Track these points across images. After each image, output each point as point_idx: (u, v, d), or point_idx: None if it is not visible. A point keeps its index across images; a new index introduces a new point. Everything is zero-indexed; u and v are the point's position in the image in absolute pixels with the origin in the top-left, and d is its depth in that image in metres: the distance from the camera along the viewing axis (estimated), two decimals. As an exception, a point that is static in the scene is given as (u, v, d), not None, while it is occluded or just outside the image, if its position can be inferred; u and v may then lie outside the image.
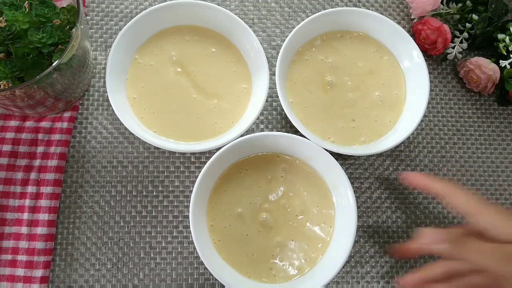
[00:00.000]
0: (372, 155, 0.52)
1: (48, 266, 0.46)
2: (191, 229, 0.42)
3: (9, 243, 0.46)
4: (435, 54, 0.54)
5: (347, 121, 0.49)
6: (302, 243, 0.45)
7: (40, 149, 0.48)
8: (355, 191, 0.44)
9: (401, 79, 0.51)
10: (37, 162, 0.48)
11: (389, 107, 0.50)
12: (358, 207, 0.50)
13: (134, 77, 0.48)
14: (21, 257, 0.45)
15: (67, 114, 0.49)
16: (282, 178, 0.47)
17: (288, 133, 0.45)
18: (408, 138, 0.52)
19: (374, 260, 0.49)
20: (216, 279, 0.43)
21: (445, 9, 0.55)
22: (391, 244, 0.49)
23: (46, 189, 0.47)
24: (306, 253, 0.45)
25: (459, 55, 0.55)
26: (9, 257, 0.45)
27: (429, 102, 0.54)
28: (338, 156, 0.48)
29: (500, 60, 0.52)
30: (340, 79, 0.50)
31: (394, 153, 0.52)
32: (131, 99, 0.48)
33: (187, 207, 0.44)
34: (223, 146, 0.44)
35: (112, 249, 0.47)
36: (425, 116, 0.54)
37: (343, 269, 0.49)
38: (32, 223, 0.46)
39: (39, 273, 0.45)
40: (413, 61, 0.50)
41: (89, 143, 0.50)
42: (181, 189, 0.49)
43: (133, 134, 0.49)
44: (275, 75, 0.46)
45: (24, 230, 0.46)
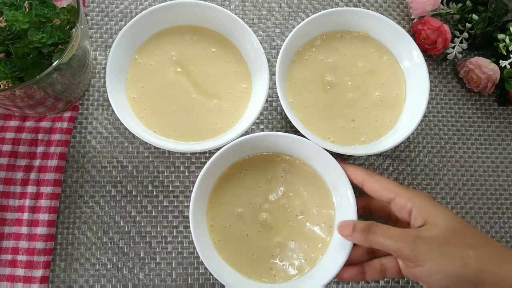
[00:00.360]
0: (372, 155, 0.52)
1: (48, 266, 0.46)
2: (191, 229, 0.42)
3: (9, 243, 0.46)
4: (435, 54, 0.54)
5: (347, 121, 0.49)
6: (302, 243, 0.45)
7: (40, 149, 0.48)
8: (355, 191, 0.44)
9: (401, 79, 0.51)
10: (37, 162, 0.48)
11: (389, 107, 0.50)
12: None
13: (134, 77, 0.48)
14: (21, 257, 0.45)
15: (67, 114, 0.49)
16: (282, 178, 0.47)
17: (288, 133, 0.45)
18: (408, 138, 0.52)
19: (374, 260, 0.49)
20: (216, 279, 0.43)
21: (445, 9, 0.55)
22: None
23: (46, 189, 0.47)
24: (306, 253, 0.45)
25: (459, 55, 0.55)
26: (9, 257, 0.45)
27: (429, 102, 0.54)
28: (338, 156, 0.48)
29: (500, 60, 0.52)
30: (340, 79, 0.50)
31: (394, 153, 0.52)
32: (131, 99, 0.48)
33: (187, 207, 0.44)
34: (223, 146, 0.44)
35: (112, 249, 0.47)
36: (425, 116, 0.54)
37: (343, 269, 0.49)
38: (32, 223, 0.46)
39: (39, 273, 0.45)
40: (413, 61, 0.50)
41: (89, 143, 0.50)
42: (181, 189, 0.49)
43: (133, 134, 0.49)
44: (275, 75, 0.46)
45: (24, 230, 0.46)
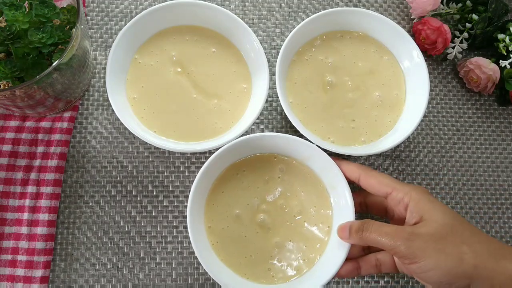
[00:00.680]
0: (372, 155, 0.52)
1: (48, 266, 0.46)
2: (189, 231, 0.42)
3: (9, 243, 0.46)
4: (435, 54, 0.54)
5: (347, 121, 0.49)
6: (300, 243, 0.45)
7: (40, 149, 0.48)
8: (351, 187, 0.44)
9: (401, 79, 0.51)
10: (37, 162, 0.48)
11: (389, 107, 0.50)
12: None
13: (134, 77, 0.48)
14: (21, 257, 0.45)
15: (67, 114, 0.49)
16: (279, 178, 0.47)
17: (288, 133, 0.45)
18: (408, 138, 0.52)
19: (374, 260, 0.49)
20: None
21: (445, 9, 0.55)
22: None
23: (46, 189, 0.47)
24: (304, 253, 0.45)
25: (459, 55, 0.55)
26: (9, 257, 0.45)
27: (429, 102, 0.54)
28: (338, 156, 0.48)
29: (500, 60, 0.52)
30: (340, 79, 0.50)
31: (394, 153, 0.52)
32: (131, 99, 0.48)
33: (187, 207, 0.44)
34: (223, 146, 0.44)
35: (112, 249, 0.47)
36: (425, 116, 0.54)
37: (343, 269, 0.49)
38: (32, 223, 0.46)
39: (39, 273, 0.45)
40: (413, 61, 0.50)
41: (89, 143, 0.50)
42: (181, 189, 0.49)
43: (133, 134, 0.49)
44: (275, 75, 0.46)
45: (24, 230, 0.46)
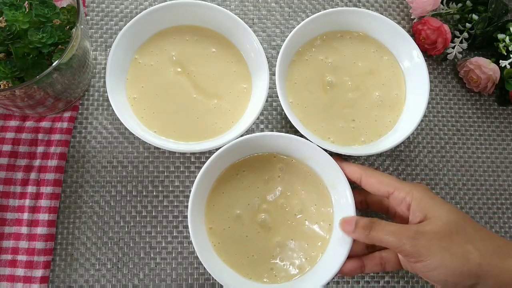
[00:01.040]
0: (372, 155, 0.52)
1: (48, 266, 0.46)
2: (191, 233, 0.42)
3: (9, 243, 0.46)
4: (435, 54, 0.54)
5: (347, 121, 0.49)
6: (301, 242, 0.45)
7: (40, 149, 0.48)
8: (355, 191, 0.44)
9: (401, 79, 0.51)
10: (37, 162, 0.48)
11: (389, 107, 0.50)
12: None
13: (134, 77, 0.48)
14: (21, 257, 0.45)
15: (67, 114, 0.49)
16: (279, 178, 0.47)
17: (288, 133, 0.45)
18: (408, 138, 0.52)
19: (374, 260, 0.49)
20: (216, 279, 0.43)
21: (445, 9, 0.55)
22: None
23: (46, 189, 0.47)
24: (306, 252, 0.45)
25: (459, 55, 0.55)
26: (9, 257, 0.45)
27: (429, 102, 0.54)
28: (338, 156, 0.48)
29: (500, 60, 0.52)
30: (340, 79, 0.50)
31: (394, 153, 0.52)
32: (131, 99, 0.48)
33: (187, 207, 0.44)
34: (223, 146, 0.44)
35: (112, 249, 0.47)
36: (425, 116, 0.54)
37: (343, 269, 0.49)
38: (32, 223, 0.46)
39: (39, 273, 0.45)
40: (413, 61, 0.50)
41: (89, 143, 0.50)
42: (181, 189, 0.49)
43: (133, 134, 0.49)
44: (275, 75, 0.46)
45: (24, 230, 0.46)
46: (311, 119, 0.48)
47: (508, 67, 0.51)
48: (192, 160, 0.50)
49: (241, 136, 0.44)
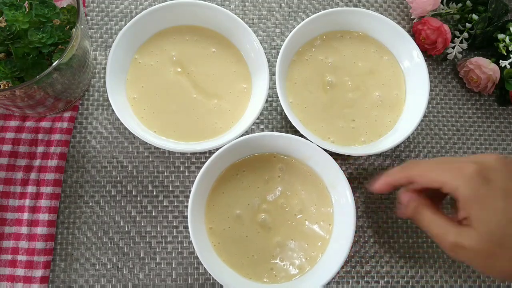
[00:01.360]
0: (372, 155, 0.52)
1: (48, 266, 0.46)
2: (191, 233, 0.42)
3: (9, 243, 0.46)
4: (435, 54, 0.54)
5: (347, 121, 0.49)
6: (301, 242, 0.45)
7: (40, 149, 0.48)
8: (355, 191, 0.44)
9: (401, 79, 0.51)
10: (37, 162, 0.48)
11: (389, 107, 0.50)
12: (358, 207, 0.50)
13: (134, 77, 0.48)
14: (21, 257, 0.45)
15: (67, 114, 0.49)
16: (279, 178, 0.47)
17: (288, 133, 0.45)
18: (408, 138, 0.52)
19: (374, 260, 0.49)
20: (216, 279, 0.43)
21: (445, 9, 0.55)
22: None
23: (46, 189, 0.47)
24: (306, 252, 0.45)
25: (459, 55, 0.55)
26: (9, 257, 0.45)
27: (429, 102, 0.54)
28: (338, 156, 0.48)
29: (500, 60, 0.52)
30: (340, 79, 0.50)
31: (394, 153, 0.52)
32: (131, 99, 0.48)
33: (187, 207, 0.44)
34: (223, 146, 0.44)
35: (112, 249, 0.47)
36: (425, 116, 0.54)
37: (343, 269, 0.49)
38: (32, 223, 0.46)
39: (39, 273, 0.45)
40: (413, 61, 0.50)
41: (89, 143, 0.50)
42: (181, 189, 0.49)
43: (133, 134, 0.49)
44: (275, 75, 0.46)
45: (24, 230, 0.46)
46: (311, 119, 0.48)
47: (508, 67, 0.51)
48: (192, 160, 0.50)
49: (241, 136, 0.44)
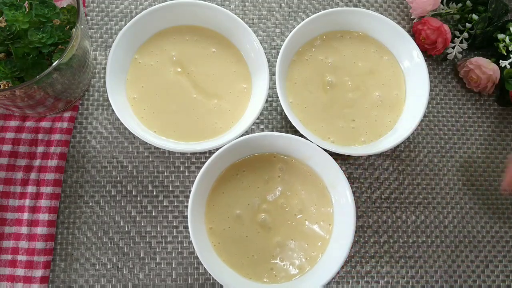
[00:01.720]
0: (372, 155, 0.52)
1: (48, 266, 0.46)
2: (191, 233, 0.42)
3: (9, 243, 0.46)
4: (435, 54, 0.54)
5: (347, 121, 0.49)
6: (301, 242, 0.45)
7: (40, 149, 0.48)
8: (355, 191, 0.44)
9: (401, 79, 0.51)
10: (37, 162, 0.48)
11: (389, 107, 0.50)
12: (358, 207, 0.50)
13: (134, 77, 0.48)
14: (21, 257, 0.45)
15: (67, 114, 0.49)
16: (279, 178, 0.47)
17: (288, 133, 0.45)
18: (408, 138, 0.52)
19: (374, 260, 0.49)
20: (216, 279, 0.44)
21: (445, 9, 0.55)
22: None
23: (46, 189, 0.47)
24: (306, 252, 0.45)
25: (459, 55, 0.55)
26: (9, 257, 0.45)
27: (429, 102, 0.54)
28: (338, 156, 0.48)
29: (500, 60, 0.52)
30: (340, 79, 0.50)
31: (394, 153, 0.52)
32: (131, 99, 0.48)
33: (187, 207, 0.44)
34: (223, 146, 0.44)
35: (112, 249, 0.47)
36: (425, 116, 0.54)
37: (343, 269, 0.49)
38: (32, 223, 0.46)
39: (39, 273, 0.45)
40: (413, 61, 0.50)
41: (89, 143, 0.50)
42: (181, 189, 0.49)
43: (133, 134, 0.49)
44: (275, 75, 0.46)
45: (24, 230, 0.46)
46: (311, 119, 0.48)
47: (508, 67, 0.51)
48: (192, 160, 0.50)
49: (241, 136, 0.44)
